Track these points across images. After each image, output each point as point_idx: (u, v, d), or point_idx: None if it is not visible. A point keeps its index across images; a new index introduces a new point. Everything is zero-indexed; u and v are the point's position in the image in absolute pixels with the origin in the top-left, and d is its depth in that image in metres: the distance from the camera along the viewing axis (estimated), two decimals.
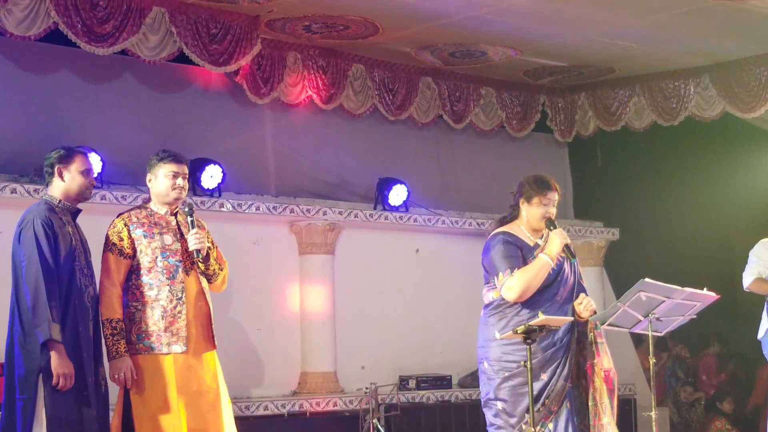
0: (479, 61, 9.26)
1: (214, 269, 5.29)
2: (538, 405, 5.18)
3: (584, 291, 5.42)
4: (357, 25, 8.18)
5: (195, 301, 5.20)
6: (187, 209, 5.25)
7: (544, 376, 5.23)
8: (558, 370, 5.23)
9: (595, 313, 5.35)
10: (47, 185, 5.13)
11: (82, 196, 5.12)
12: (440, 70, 9.52)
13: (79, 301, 4.95)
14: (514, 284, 5.18)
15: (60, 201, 5.07)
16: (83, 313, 4.96)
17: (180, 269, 5.16)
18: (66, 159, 5.07)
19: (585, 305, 5.31)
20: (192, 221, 5.21)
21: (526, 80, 9.95)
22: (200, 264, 5.22)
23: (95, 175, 5.53)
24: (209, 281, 5.32)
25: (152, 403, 5.03)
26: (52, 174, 5.08)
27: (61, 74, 8.01)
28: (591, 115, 10.18)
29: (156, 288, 5.12)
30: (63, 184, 5.06)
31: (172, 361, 5.08)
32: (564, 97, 10.31)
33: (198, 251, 5.16)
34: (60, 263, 4.89)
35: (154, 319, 5.09)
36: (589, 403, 5.31)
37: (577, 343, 5.33)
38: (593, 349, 5.36)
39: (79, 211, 5.17)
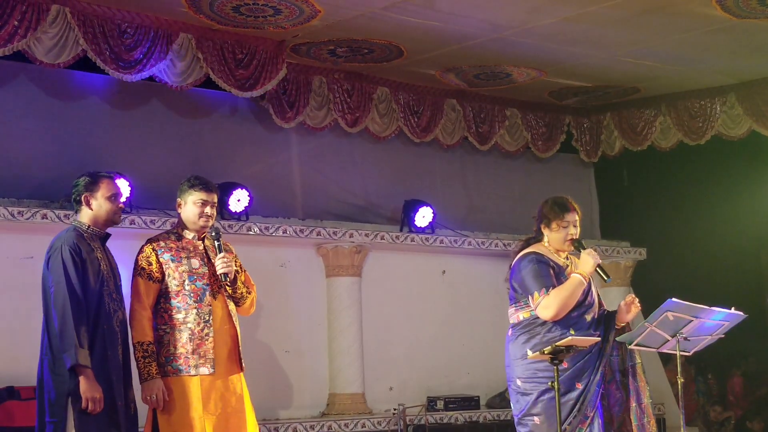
0: (504, 83, 9.29)
1: (242, 292, 5.33)
2: (574, 412, 5.22)
3: (608, 311, 5.48)
4: (381, 48, 8.24)
5: (222, 324, 5.23)
6: (214, 233, 5.29)
7: (579, 385, 5.27)
8: (592, 377, 5.27)
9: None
10: (76, 212, 5.18)
11: (111, 221, 5.17)
12: (465, 92, 9.56)
13: (107, 325, 4.99)
14: (550, 303, 5.22)
15: (89, 227, 5.11)
16: (112, 337, 5.00)
17: (207, 293, 5.21)
18: (92, 186, 5.11)
19: (636, 303, 5.37)
20: (219, 245, 5.25)
21: (551, 101, 9.97)
22: (227, 287, 5.25)
23: (123, 199, 5.58)
24: (237, 304, 5.35)
25: (179, 424, 5.07)
26: (79, 202, 5.12)
27: (90, 101, 8.11)
28: (616, 135, 10.17)
29: (184, 311, 5.16)
30: (91, 211, 5.11)
31: (199, 383, 5.12)
32: (589, 118, 10.31)
33: (225, 275, 5.20)
34: (88, 289, 4.93)
35: (182, 341, 5.13)
36: (632, 404, 5.33)
37: (615, 349, 5.36)
38: (633, 353, 5.39)
39: (108, 236, 5.22)
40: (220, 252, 5.23)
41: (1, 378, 7.09)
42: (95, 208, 5.10)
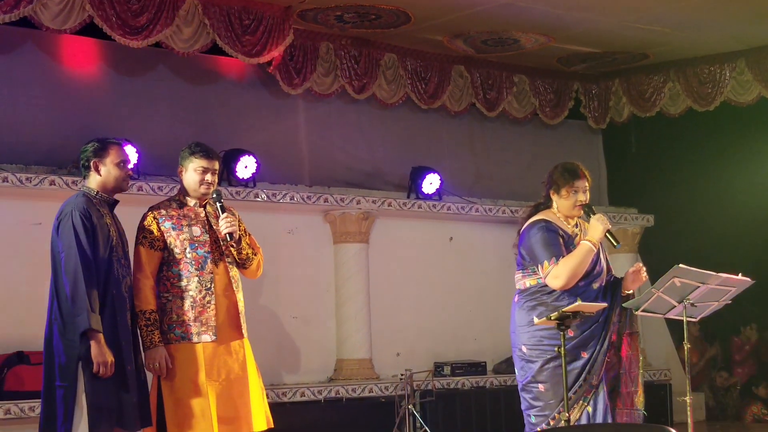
0: (512, 49, 9.24)
1: (247, 253, 5.31)
2: (580, 381, 5.23)
3: (615, 278, 5.47)
4: (389, 14, 8.19)
5: (224, 291, 5.23)
6: (215, 195, 5.26)
7: (585, 354, 5.27)
8: (598, 347, 5.27)
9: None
10: (84, 177, 5.17)
11: (119, 188, 5.16)
12: (473, 59, 9.52)
13: (117, 291, 4.99)
14: (560, 273, 5.20)
15: (97, 193, 5.10)
16: (121, 303, 5.01)
17: (209, 260, 5.20)
18: (101, 152, 5.08)
19: (643, 272, 5.36)
20: (221, 206, 5.23)
21: (560, 67, 9.92)
22: (232, 248, 5.24)
23: (131, 165, 5.58)
24: (244, 266, 5.34)
25: (182, 391, 5.09)
26: (88, 168, 5.10)
27: (97, 67, 8.10)
28: (625, 102, 10.14)
29: (185, 279, 5.16)
30: (99, 177, 5.10)
31: (202, 350, 5.13)
32: (598, 84, 10.27)
33: (230, 235, 5.19)
34: (98, 254, 4.93)
35: (184, 309, 5.14)
36: (620, 371, 5.34)
37: (618, 316, 5.36)
38: (633, 321, 5.39)
39: (116, 202, 5.22)
40: (222, 213, 5.21)
41: (11, 343, 7.15)
42: (104, 174, 5.08)
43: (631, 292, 5.47)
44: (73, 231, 4.88)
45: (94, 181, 5.10)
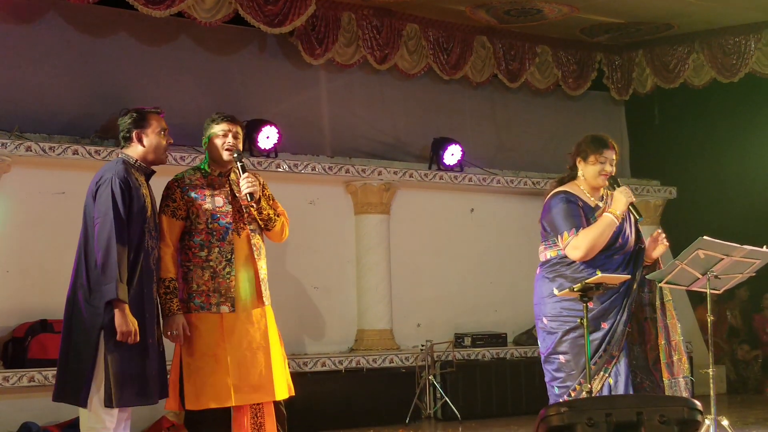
0: (535, 19, 9.18)
1: (268, 213, 5.29)
2: (600, 352, 5.22)
3: (640, 247, 5.43)
4: None
5: (246, 261, 5.23)
6: (236, 155, 5.24)
7: (605, 325, 5.25)
8: (618, 317, 5.26)
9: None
10: (122, 148, 5.12)
11: (160, 159, 5.09)
12: (495, 29, 9.46)
13: (145, 262, 4.96)
14: (580, 243, 5.19)
15: (136, 161, 5.05)
16: (148, 274, 4.98)
17: (230, 231, 5.19)
18: (142, 122, 5.01)
19: (663, 239, 5.33)
20: (242, 166, 5.21)
21: (583, 38, 9.85)
22: (252, 208, 5.22)
23: None
24: (267, 228, 5.32)
25: (201, 360, 5.09)
26: (129, 139, 5.02)
27: (119, 37, 8.11)
28: (648, 73, 10.07)
29: (206, 249, 5.15)
30: (142, 148, 5.02)
31: (221, 320, 5.14)
32: (621, 55, 10.19)
33: (251, 195, 5.17)
34: (132, 224, 4.88)
35: (204, 279, 5.14)
36: (661, 342, 5.31)
37: (640, 286, 5.33)
38: (663, 289, 5.36)
39: (153, 172, 5.18)
40: (243, 173, 5.20)
41: (34, 311, 7.20)
42: (147, 144, 5.01)
43: (655, 260, 5.43)
44: (111, 198, 4.82)
45: (134, 151, 5.03)
